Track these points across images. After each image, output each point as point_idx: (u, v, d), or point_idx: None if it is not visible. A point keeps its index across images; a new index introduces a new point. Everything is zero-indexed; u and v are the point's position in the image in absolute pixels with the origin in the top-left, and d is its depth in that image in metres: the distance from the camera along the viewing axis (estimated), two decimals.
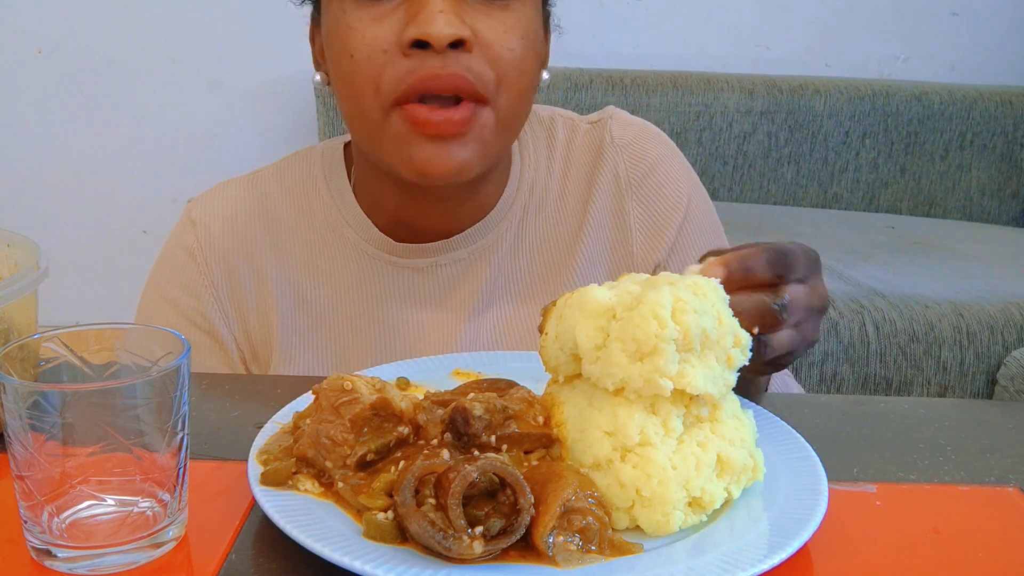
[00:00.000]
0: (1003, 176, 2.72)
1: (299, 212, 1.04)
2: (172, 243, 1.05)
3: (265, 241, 1.03)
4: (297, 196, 1.04)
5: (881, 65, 2.84)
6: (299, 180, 1.05)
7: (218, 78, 2.73)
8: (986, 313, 1.98)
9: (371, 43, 0.85)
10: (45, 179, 2.80)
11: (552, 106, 1.12)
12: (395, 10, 0.85)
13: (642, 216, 1.04)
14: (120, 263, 2.78)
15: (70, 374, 0.63)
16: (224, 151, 2.80)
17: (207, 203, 1.05)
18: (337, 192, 1.03)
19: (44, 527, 0.59)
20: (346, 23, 0.87)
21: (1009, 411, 0.86)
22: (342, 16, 0.87)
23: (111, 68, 2.73)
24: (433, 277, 1.01)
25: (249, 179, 1.07)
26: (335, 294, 1.02)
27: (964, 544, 0.64)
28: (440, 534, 0.56)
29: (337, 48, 0.88)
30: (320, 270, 1.02)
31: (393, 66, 0.85)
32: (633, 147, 1.06)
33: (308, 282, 1.02)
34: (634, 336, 0.61)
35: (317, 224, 1.03)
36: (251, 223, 1.03)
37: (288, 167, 1.07)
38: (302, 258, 1.03)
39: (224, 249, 1.02)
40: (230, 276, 1.02)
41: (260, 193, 1.05)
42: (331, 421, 0.65)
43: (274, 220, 1.04)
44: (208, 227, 1.03)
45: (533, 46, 0.90)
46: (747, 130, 2.63)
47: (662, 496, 0.61)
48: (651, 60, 2.78)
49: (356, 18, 0.86)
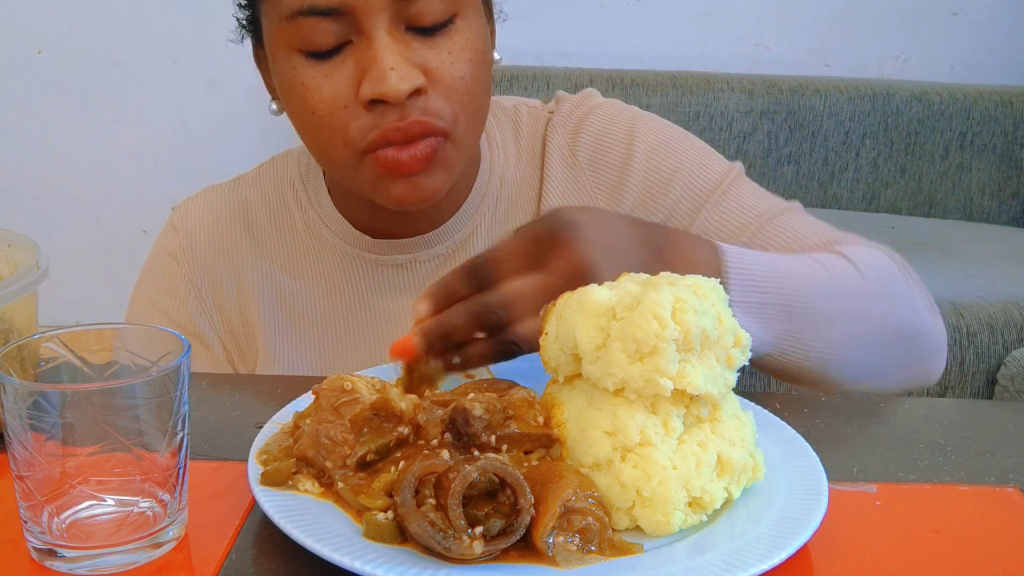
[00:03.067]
0: (1003, 176, 2.72)
1: (278, 215, 1.06)
2: (157, 249, 1.08)
3: (245, 244, 1.05)
4: (275, 200, 1.06)
5: (881, 65, 2.84)
6: (276, 184, 1.07)
7: (218, 78, 2.73)
8: (986, 313, 1.98)
9: (330, 100, 0.86)
10: (45, 179, 2.80)
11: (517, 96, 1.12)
12: (343, 64, 0.86)
13: (594, 178, 1.04)
14: (120, 263, 2.77)
15: (70, 374, 0.63)
16: (224, 151, 2.80)
17: (189, 209, 1.08)
18: (314, 194, 1.05)
19: (44, 527, 0.59)
20: (300, 80, 0.87)
21: (1009, 411, 0.86)
22: (293, 72, 0.88)
23: (111, 68, 2.73)
24: (413, 273, 1.03)
25: (230, 185, 1.09)
26: (317, 293, 1.03)
27: (964, 544, 0.64)
28: (440, 534, 0.56)
29: (297, 103, 0.89)
30: (301, 271, 1.04)
31: (356, 119, 0.86)
32: (570, 118, 1.06)
33: (289, 283, 1.04)
34: (634, 336, 0.61)
35: (296, 226, 1.05)
36: (232, 227, 1.05)
37: (266, 172, 1.09)
38: (282, 260, 1.04)
39: (206, 253, 1.04)
40: (212, 279, 1.04)
41: (240, 198, 1.07)
42: (331, 421, 0.65)
43: (254, 224, 1.06)
44: (190, 232, 1.05)
45: (483, 61, 0.90)
46: (747, 130, 2.63)
47: (662, 496, 0.61)
48: (651, 60, 2.78)
49: (309, 76, 0.87)
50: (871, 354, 0.91)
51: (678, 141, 1.04)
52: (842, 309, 0.88)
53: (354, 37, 0.86)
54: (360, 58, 0.85)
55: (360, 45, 0.86)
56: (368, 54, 0.85)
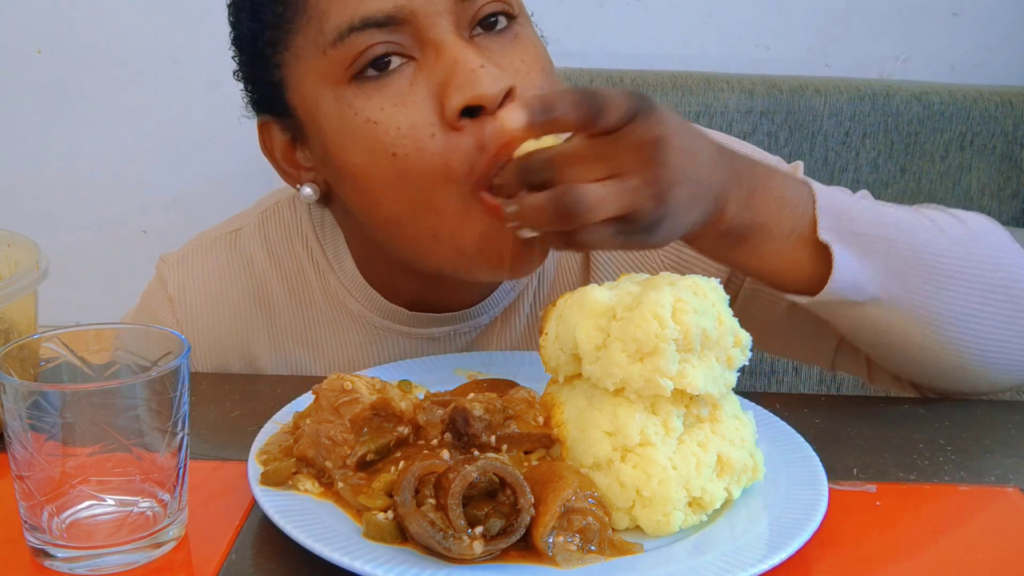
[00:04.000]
0: (1003, 176, 2.72)
1: (291, 280, 0.91)
2: (146, 317, 0.93)
3: (257, 319, 0.91)
4: (287, 260, 0.92)
5: (881, 65, 2.84)
6: (286, 239, 0.92)
7: (218, 78, 2.72)
8: None
9: (411, 132, 0.71)
10: (45, 179, 2.80)
11: None
12: (414, 85, 0.72)
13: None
14: (120, 263, 2.77)
15: (70, 374, 0.63)
16: (224, 151, 2.80)
17: (186, 275, 0.92)
18: (333, 254, 0.90)
19: (44, 527, 0.59)
20: (365, 118, 0.72)
21: (1009, 411, 0.86)
22: (351, 113, 0.72)
23: (111, 68, 2.72)
24: (451, 345, 0.90)
25: (229, 239, 0.93)
26: (338, 369, 0.86)
27: (964, 544, 0.64)
28: (440, 534, 0.56)
29: (365, 150, 0.72)
30: (320, 344, 0.91)
31: (453, 148, 0.71)
32: None
33: (307, 358, 0.91)
34: (634, 336, 0.61)
35: (313, 293, 0.91)
36: (238, 297, 0.91)
37: (271, 221, 0.93)
38: (298, 333, 0.91)
39: (210, 333, 0.91)
40: (219, 365, 0.92)
41: (243, 257, 0.92)
42: (331, 421, 0.65)
43: (263, 290, 0.92)
44: (189, 307, 0.91)
45: (552, 74, 0.79)
46: (747, 130, 2.63)
47: (662, 496, 0.61)
48: (651, 60, 2.78)
49: (374, 109, 0.72)
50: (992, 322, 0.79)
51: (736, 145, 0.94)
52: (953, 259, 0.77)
53: (417, 53, 0.73)
54: (434, 72, 0.72)
55: (428, 58, 0.72)
56: (443, 62, 0.71)
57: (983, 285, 0.79)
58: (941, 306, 0.77)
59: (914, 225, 0.78)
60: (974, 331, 0.79)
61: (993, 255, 0.80)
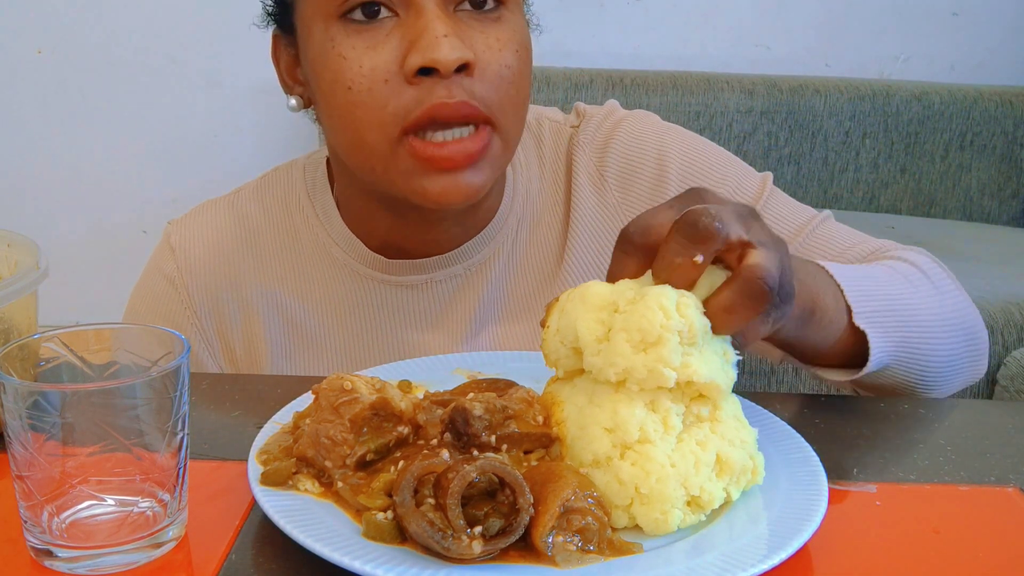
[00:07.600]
0: (1003, 176, 2.72)
1: (283, 233, 1.01)
2: (152, 270, 1.02)
3: (249, 266, 1.00)
4: (280, 216, 1.01)
5: (881, 65, 2.84)
6: (281, 199, 1.02)
7: (218, 78, 2.73)
8: (986, 313, 1.98)
9: (370, 74, 0.82)
10: (45, 179, 2.80)
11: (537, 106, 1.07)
12: (389, 36, 0.83)
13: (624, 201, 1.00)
14: (120, 263, 2.77)
15: (70, 374, 0.63)
16: (224, 151, 2.80)
17: (187, 228, 1.02)
18: (322, 210, 1.00)
19: (44, 527, 0.59)
20: (337, 52, 0.83)
21: (1009, 411, 0.86)
22: (330, 45, 0.84)
23: (111, 68, 2.73)
24: (427, 294, 0.98)
25: (229, 200, 1.04)
26: (325, 316, 0.99)
27: (964, 544, 0.64)
28: (439, 534, 0.56)
29: (329, 79, 0.84)
30: (309, 292, 0.99)
31: (397, 96, 0.82)
32: (596, 136, 1.02)
33: (297, 305, 0.99)
34: (639, 326, 0.61)
35: (303, 245, 1.00)
36: (234, 248, 1.00)
37: (269, 185, 1.03)
38: (289, 281, 1.00)
39: (207, 277, 1.00)
40: (214, 305, 1.00)
41: (241, 215, 1.02)
42: (331, 421, 0.65)
43: (258, 243, 1.01)
44: (189, 254, 1.00)
45: (527, 57, 0.88)
46: (747, 130, 2.63)
47: (660, 493, 0.61)
48: (651, 60, 2.78)
49: (348, 47, 0.83)
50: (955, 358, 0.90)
51: (710, 157, 1.01)
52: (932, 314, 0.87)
53: (401, 11, 0.83)
54: (408, 31, 0.82)
55: (408, 18, 0.82)
56: (418, 24, 0.81)
57: (951, 328, 0.89)
58: (929, 358, 0.87)
59: (901, 289, 0.86)
60: (947, 368, 0.90)
61: (952, 300, 0.92)
